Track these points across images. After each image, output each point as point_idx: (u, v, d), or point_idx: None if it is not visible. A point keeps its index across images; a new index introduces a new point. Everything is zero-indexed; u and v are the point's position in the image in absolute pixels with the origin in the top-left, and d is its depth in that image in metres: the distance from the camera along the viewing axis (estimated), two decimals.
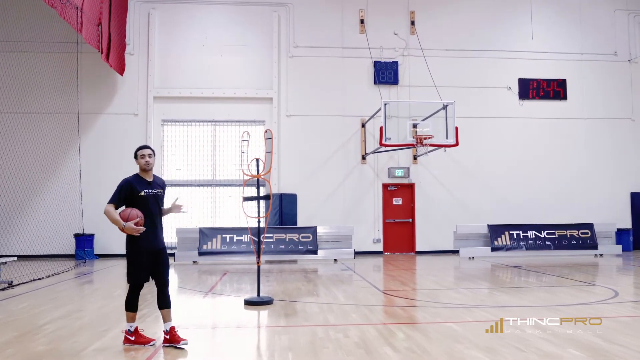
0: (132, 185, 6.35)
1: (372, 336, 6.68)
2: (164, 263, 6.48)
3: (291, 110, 19.89)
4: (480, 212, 19.94)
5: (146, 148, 6.55)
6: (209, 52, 20.04)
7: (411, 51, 20.23)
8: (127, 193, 6.32)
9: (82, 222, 17.74)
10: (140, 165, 6.47)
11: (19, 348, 6.27)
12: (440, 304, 8.99)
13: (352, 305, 8.94)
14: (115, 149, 19.09)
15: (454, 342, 6.31)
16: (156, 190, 6.49)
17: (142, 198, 6.35)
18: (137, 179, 6.45)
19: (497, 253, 17.68)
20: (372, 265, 16.20)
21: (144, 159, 6.46)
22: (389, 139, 16.16)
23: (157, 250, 6.43)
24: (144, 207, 6.33)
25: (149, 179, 6.48)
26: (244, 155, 9.70)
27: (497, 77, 20.64)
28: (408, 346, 6.17)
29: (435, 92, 18.35)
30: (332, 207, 19.71)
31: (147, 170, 6.49)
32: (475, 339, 6.46)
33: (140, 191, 6.34)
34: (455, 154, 19.36)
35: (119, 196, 6.30)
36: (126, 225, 6.10)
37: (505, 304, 8.94)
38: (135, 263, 6.32)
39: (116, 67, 18.59)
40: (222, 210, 19.71)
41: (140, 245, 6.29)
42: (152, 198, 6.43)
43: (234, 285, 12.01)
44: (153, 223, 6.40)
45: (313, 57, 20.16)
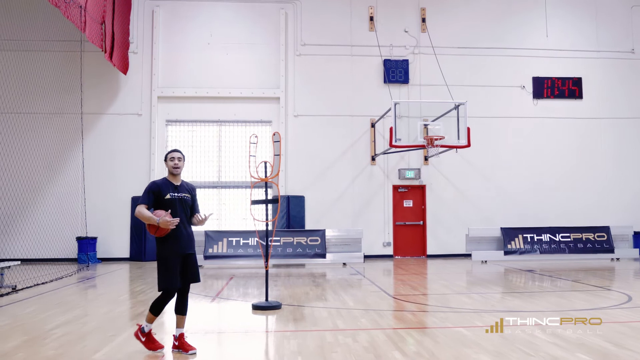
0: (159, 187, 6.60)
1: (381, 341, 6.93)
2: (193, 268, 6.68)
3: (299, 110, 20.16)
4: (493, 214, 20.16)
5: (176, 151, 6.78)
6: (214, 50, 20.33)
7: (422, 49, 20.46)
8: (155, 195, 6.56)
9: (85, 225, 18.04)
10: (169, 168, 6.70)
11: (30, 352, 6.53)
12: (450, 309, 9.23)
13: (362, 310, 9.19)
14: (119, 150, 19.37)
15: (463, 347, 6.56)
16: (183, 195, 6.70)
17: (168, 201, 6.56)
18: (165, 183, 6.68)
19: (511, 257, 17.88)
20: (382, 269, 16.45)
21: (173, 161, 6.69)
22: (399, 140, 16.40)
23: (187, 254, 6.65)
24: (171, 211, 6.55)
25: (176, 183, 6.72)
26: (252, 159, 9.97)
27: (510, 75, 20.85)
28: (417, 351, 6.42)
29: (447, 91, 18.58)
30: (341, 209, 19.95)
31: (175, 174, 6.72)
32: (485, 343, 6.71)
33: (166, 194, 6.57)
34: (467, 154, 19.58)
35: (148, 198, 6.54)
36: (161, 220, 6.28)
37: (517, 308, 9.18)
38: (166, 267, 6.48)
39: (119, 66, 18.89)
40: (228, 213, 20.01)
41: (170, 249, 6.49)
42: (179, 202, 6.63)
43: (240, 290, 12.28)
44: (181, 227, 6.59)
45: (321, 56, 20.43)
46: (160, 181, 6.70)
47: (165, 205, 6.52)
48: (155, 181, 6.68)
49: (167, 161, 6.74)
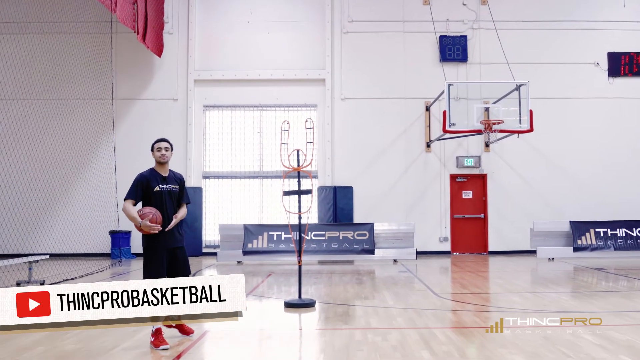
0: (147, 180, 7.12)
1: (412, 340, 7.23)
2: (182, 262, 7.27)
3: (346, 92, 20.45)
4: (562, 206, 20.01)
5: (163, 141, 7.32)
6: (254, 29, 20.74)
7: (482, 24, 20.45)
8: (143, 188, 7.09)
9: (117, 218, 18.64)
10: (156, 158, 7.24)
11: (49, 347, 7.10)
12: (497, 309, 9.45)
13: (400, 309, 9.50)
14: (153, 138, 19.28)
15: (499, 347, 6.81)
16: (171, 186, 7.24)
17: (157, 194, 7.11)
18: (152, 174, 7.23)
19: (581, 254, 17.75)
20: (435, 267, 16.68)
21: (160, 152, 7.23)
22: (453, 125, 16.53)
23: (174, 248, 7.19)
24: (159, 204, 7.09)
25: (163, 174, 7.24)
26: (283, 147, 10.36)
27: (582, 51, 20.62)
28: (447, 350, 6.71)
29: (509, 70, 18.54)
30: (392, 201, 20.17)
31: (163, 164, 7.24)
32: (523, 344, 6.93)
33: (154, 187, 7.10)
34: (533, 140, 19.48)
35: (135, 191, 7.09)
36: (142, 223, 6.84)
37: (569, 309, 9.34)
38: (152, 262, 7.09)
39: (153, 48, 19.44)
40: (269, 205, 20.45)
41: (155, 243, 7.04)
42: (167, 194, 7.18)
43: (278, 287, 12.75)
44: (168, 220, 7.13)
45: (370, 33, 20.63)
46: (147, 172, 7.22)
47: (153, 198, 7.03)
48: (142, 173, 7.20)
49: (153, 151, 7.27)
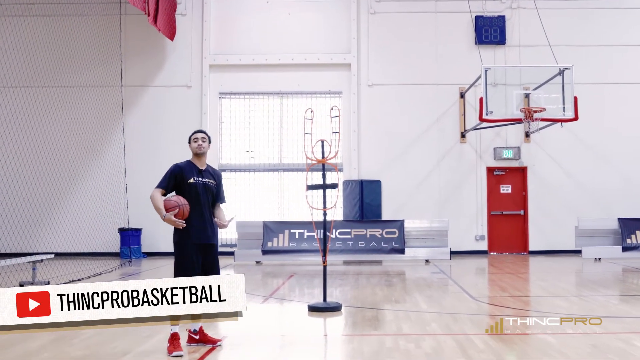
0: (182, 170, 7.18)
1: (448, 347, 7.17)
2: (213, 260, 7.25)
3: (373, 78, 20.35)
4: (609, 202, 19.73)
5: (200, 132, 7.40)
6: (274, 10, 20.66)
7: (521, 3, 20.21)
8: (177, 179, 7.14)
9: (127, 215, 18.64)
10: (193, 149, 7.32)
11: (55, 352, 7.12)
12: (540, 313, 9.34)
13: (434, 314, 9.43)
14: (165, 128, 19.98)
15: (543, 355, 6.72)
16: (207, 180, 7.27)
17: (191, 186, 7.14)
18: (189, 165, 7.30)
19: (630, 253, 17.51)
20: (471, 268, 16.59)
21: (197, 142, 7.30)
22: (490, 113, 16.34)
23: (206, 245, 7.18)
24: (192, 196, 7.10)
25: (201, 167, 7.30)
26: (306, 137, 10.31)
27: (632, 32, 20.32)
28: (486, 358, 6.63)
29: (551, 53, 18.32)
30: (424, 196, 20.03)
31: (200, 156, 7.29)
32: (571, 352, 6.83)
33: (189, 178, 7.14)
34: (578, 129, 19.23)
35: (168, 181, 7.16)
36: (166, 217, 6.88)
37: (620, 314, 9.21)
38: (183, 259, 7.07)
39: (165, 31, 19.39)
40: (290, 201, 20.40)
41: (187, 239, 7.05)
42: (202, 187, 7.20)
43: (300, 289, 12.73)
44: (202, 215, 7.15)
45: (399, 13, 20.49)
46: (183, 164, 7.29)
47: (187, 191, 7.04)
48: (178, 164, 7.27)
49: (190, 142, 7.35)
